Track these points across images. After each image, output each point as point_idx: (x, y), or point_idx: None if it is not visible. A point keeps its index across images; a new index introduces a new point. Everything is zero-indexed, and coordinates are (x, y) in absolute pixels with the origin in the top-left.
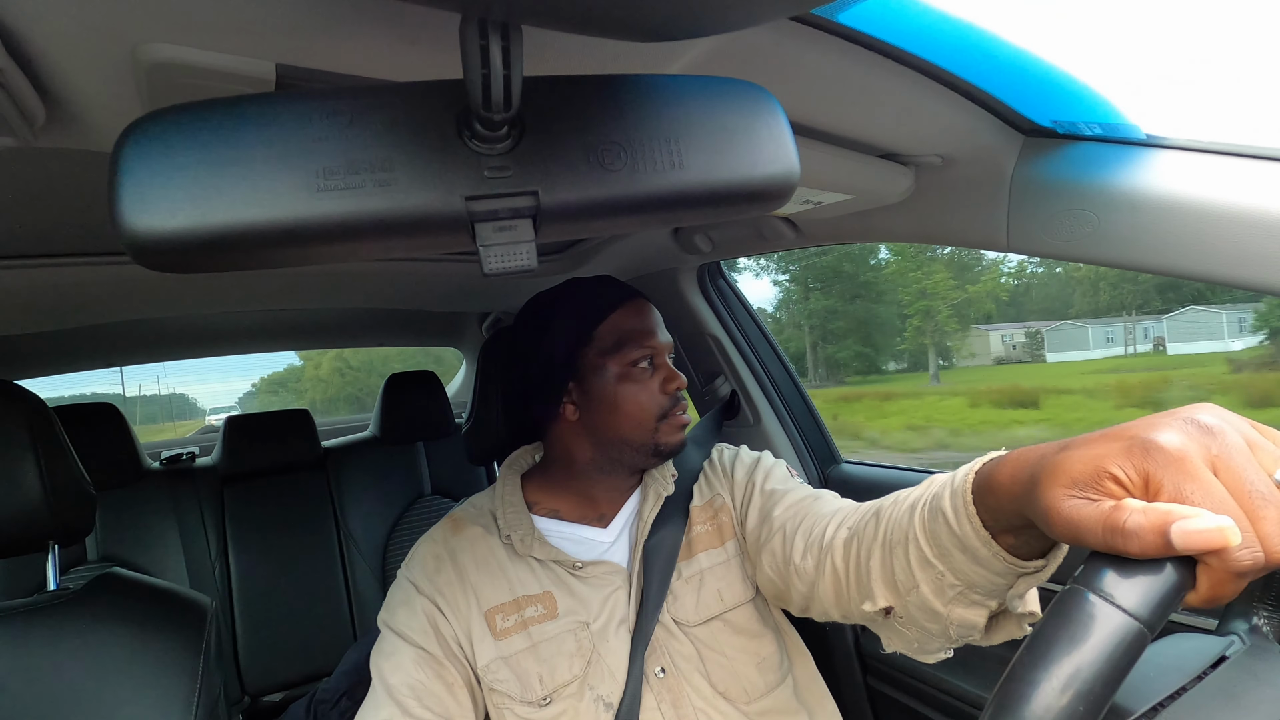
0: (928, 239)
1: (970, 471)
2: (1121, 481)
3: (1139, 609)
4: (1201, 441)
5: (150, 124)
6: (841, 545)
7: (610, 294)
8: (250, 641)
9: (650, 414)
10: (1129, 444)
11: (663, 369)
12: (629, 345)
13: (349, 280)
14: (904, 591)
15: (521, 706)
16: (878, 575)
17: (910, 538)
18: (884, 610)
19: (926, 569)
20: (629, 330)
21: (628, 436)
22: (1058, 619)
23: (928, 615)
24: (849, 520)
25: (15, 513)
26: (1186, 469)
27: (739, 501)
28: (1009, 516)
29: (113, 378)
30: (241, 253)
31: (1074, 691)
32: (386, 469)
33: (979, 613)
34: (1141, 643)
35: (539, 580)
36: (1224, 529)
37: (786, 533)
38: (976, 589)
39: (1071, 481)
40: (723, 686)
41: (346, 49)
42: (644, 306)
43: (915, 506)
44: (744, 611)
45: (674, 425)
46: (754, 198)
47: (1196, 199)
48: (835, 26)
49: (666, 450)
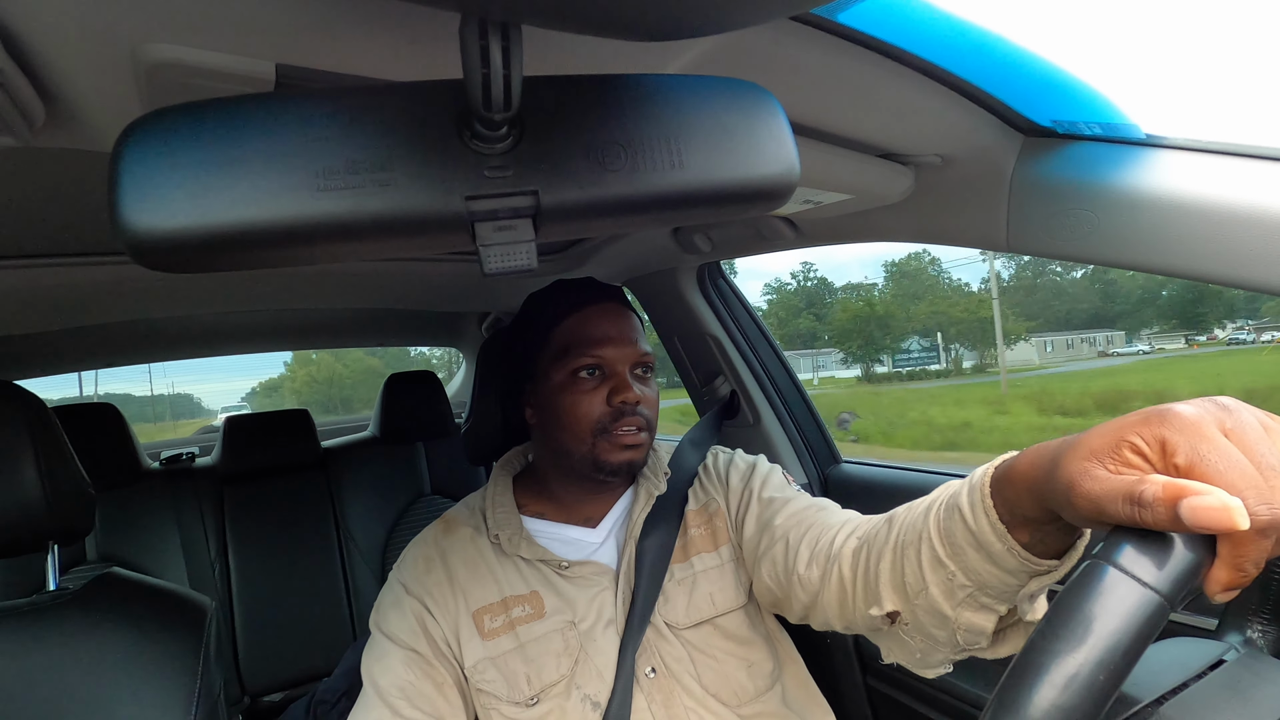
0: (927, 239)
1: (989, 468)
2: (1139, 449)
3: (1159, 582)
4: (1216, 414)
5: (150, 124)
6: (850, 554)
7: (574, 298)
8: (250, 641)
9: (585, 427)
10: (1146, 415)
11: (614, 379)
12: (573, 352)
13: (349, 280)
14: (912, 595)
15: (509, 707)
16: (886, 579)
17: (923, 537)
18: (889, 616)
19: (938, 569)
20: (578, 336)
21: (568, 446)
22: (1078, 592)
23: (935, 620)
24: (859, 530)
25: (15, 513)
26: (1202, 432)
27: (735, 508)
28: (1027, 508)
29: (140, 378)
30: (241, 253)
31: (1094, 662)
32: (386, 469)
33: (988, 617)
34: (1162, 615)
35: (526, 580)
36: (1231, 509)
37: (790, 542)
38: (987, 590)
39: (1091, 453)
40: (714, 688)
41: (346, 49)
42: (608, 312)
43: (930, 508)
44: (735, 617)
45: (614, 443)
46: (754, 197)
47: (1197, 199)
48: (835, 26)
49: (608, 468)
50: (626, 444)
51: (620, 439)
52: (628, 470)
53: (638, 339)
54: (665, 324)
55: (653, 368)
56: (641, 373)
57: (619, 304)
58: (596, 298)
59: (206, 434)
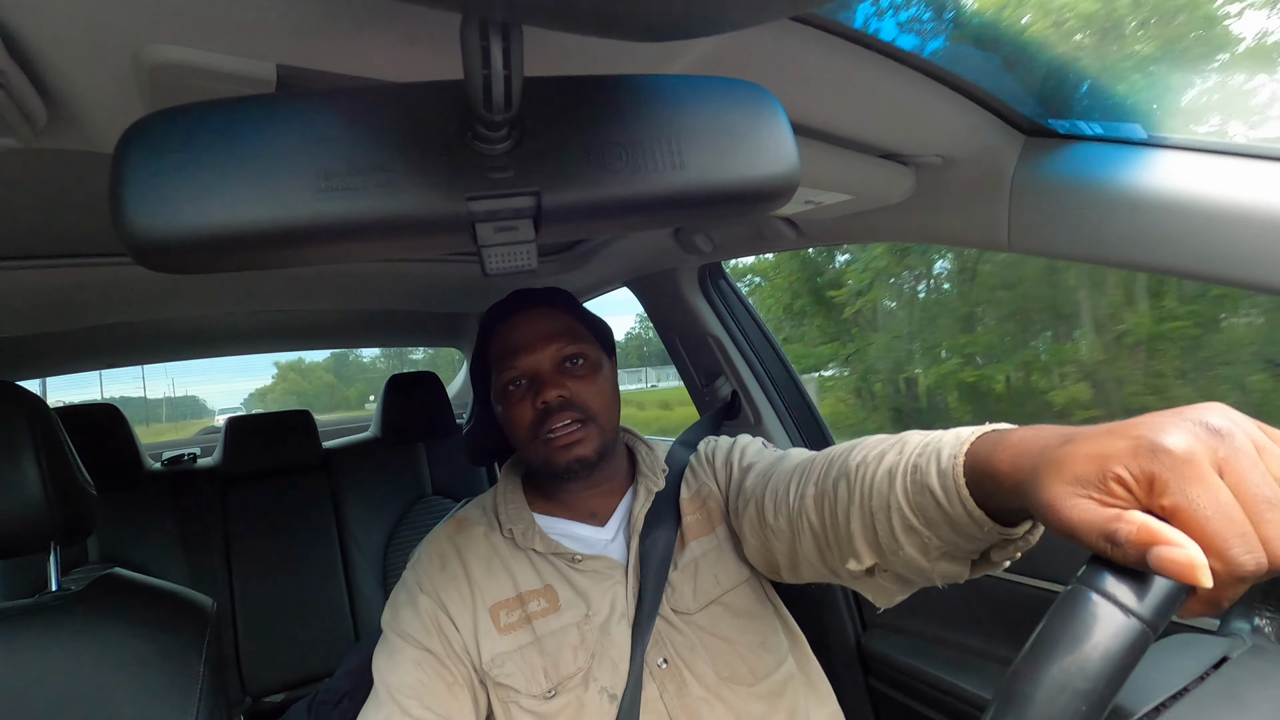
0: (928, 239)
1: (960, 453)
2: (1125, 483)
3: (1141, 609)
4: (1209, 444)
5: (152, 125)
6: (813, 503)
7: (501, 312)
8: (251, 642)
9: (524, 435)
10: (1135, 444)
11: (538, 383)
12: (499, 366)
13: (350, 281)
14: (888, 552)
15: (528, 699)
16: (859, 536)
17: (893, 506)
18: (869, 570)
19: (911, 534)
20: (501, 350)
21: (525, 454)
22: (1061, 618)
23: (912, 570)
24: (811, 474)
25: (16, 514)
26: (1193, 472)
27: (724, 486)
28: (1004, 502)
29: (134, 381)
30: (242, 253)
31: (1076, 691)
32: (388, 470)
33: (963, 565)
34: (1144, 643)
35: (540, 574)
36: (1197, 566)
37: (759, 497)
38: (962, 549)
39: (1075, 479)
40: (728, 672)
41: (347, 49)
42: (525, 320)
43: (894, 474)
44: (741, 592)
45: (552, 446)
46: (755, 198)
47: (1197, 199)
48: (836, 26)
49: (558, 468)
50: (561, 444)
51: (554, 440)
52: (579, 467)
53: (557, 335)
54: (666, 324)
55: (587, 356)
56: (572, 365)
57: (537, 309)
58: (521, 306)
59: (208, 435)
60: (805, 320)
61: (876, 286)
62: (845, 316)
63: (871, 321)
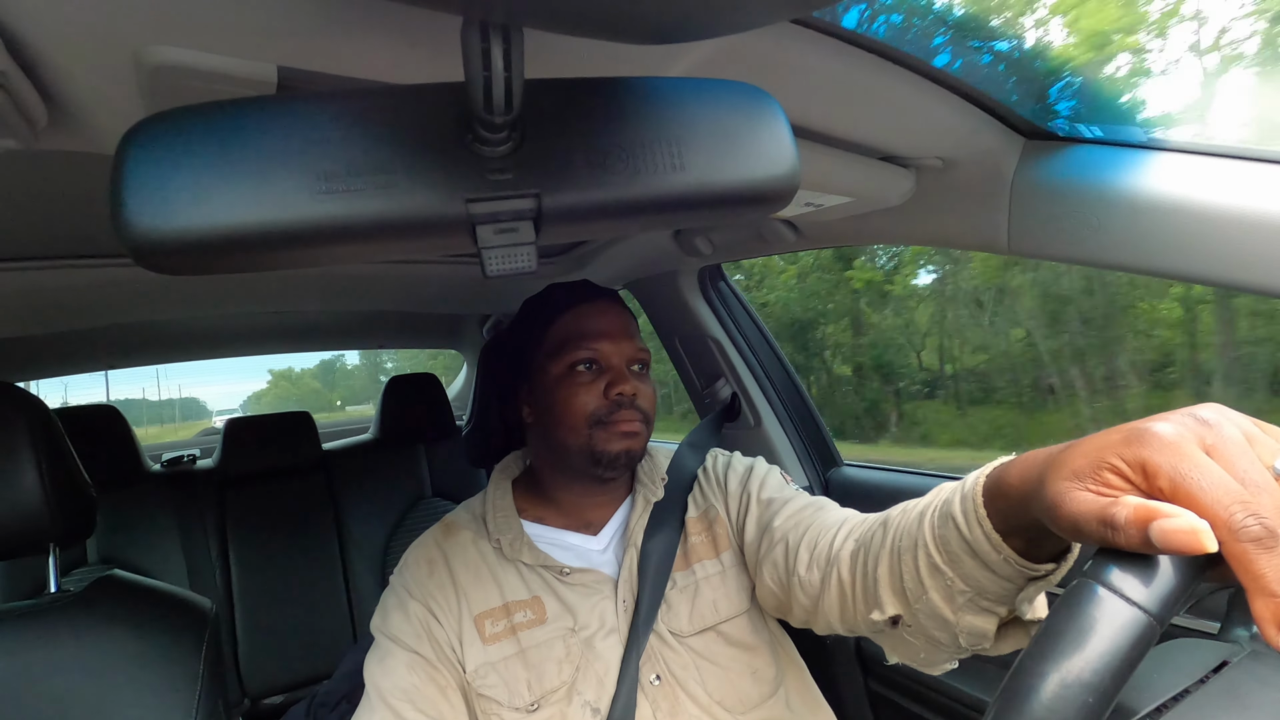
0: (928, 241)
1: (980, 476)
2: (1120, 470)
3: (1148, 601)
4: (1197, 431)
5: (152, 126)
6: (849, 557)
7: (569, 297)
8: (250, 644)
9: (582, 418)
10: (1127, 434)
11: (611, 372)
12: (570, 346)
13: (349, 282)
14: (913, 599)
15: (509, 712)
16: (885, 583)
17: (919, 544)
18: (892, 619)
19: (935, 575)
20: (574, 331)
21: (566, 440)
22: (1066, 612)
23: (937, 624)
24: (855, 531)
25: (16, 515)
26: (1181, 451)
27: (735, 513)
28: (1019, 518)
29: (148, 380)
30: (243, 255)
31: (1083, 684)
32: (387, 471)
33: (989, 620)
34: (1151, 635)
35: (528, 585)
36: (1199, 531)
37: (789, 544)
38: (986, 595)
39: (1073, 474)
40: (719, 695)
41: (348, 51)
42: (605, 309)
43: (925, 514)
44: (738, 623)
45: (612, 433)
46: (755, 200)
47: (1197, 201)
48: (836, 29)
49: (606, 459)
50: (624, 431)
51: (619, 429)
52: (625, 461)
53: (634, 336)
54: (666, 326)
55: (649, 365)
56: (638, 369)
57: (615, 303)
58: (593, 296)
59: (207, 436)
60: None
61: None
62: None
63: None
